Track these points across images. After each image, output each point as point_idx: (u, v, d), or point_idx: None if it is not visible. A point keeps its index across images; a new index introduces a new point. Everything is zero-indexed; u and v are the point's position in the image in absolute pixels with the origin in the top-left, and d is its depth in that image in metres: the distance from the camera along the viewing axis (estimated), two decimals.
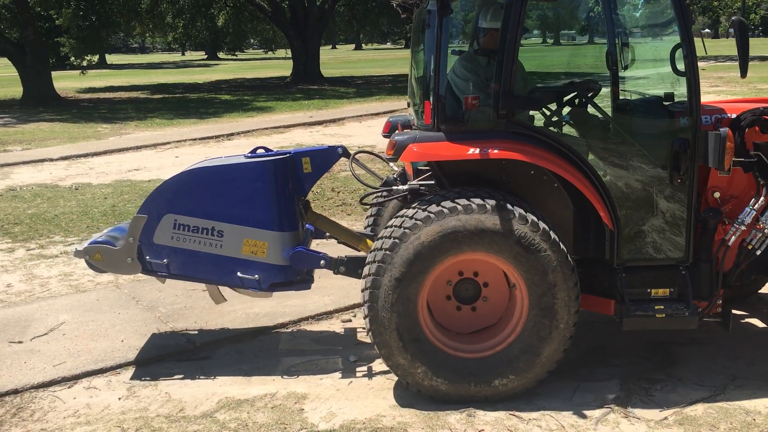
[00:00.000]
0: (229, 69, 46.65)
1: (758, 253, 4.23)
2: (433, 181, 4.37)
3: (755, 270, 4.38)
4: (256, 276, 4.55)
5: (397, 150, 4.10)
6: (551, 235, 3.93)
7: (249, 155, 4.74)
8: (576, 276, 4.00)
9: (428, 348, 4.06)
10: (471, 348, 4.18)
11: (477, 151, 3.97)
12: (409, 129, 4.66)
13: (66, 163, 12.80)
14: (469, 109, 4.15)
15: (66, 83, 30.47)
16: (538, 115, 4.58)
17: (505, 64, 4.01)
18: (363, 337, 5.14)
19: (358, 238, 4.99)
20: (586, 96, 4.53)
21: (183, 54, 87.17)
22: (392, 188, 4.57)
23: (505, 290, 4.24)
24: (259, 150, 4.83)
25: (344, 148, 4.81)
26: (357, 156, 4.94)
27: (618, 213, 4.15)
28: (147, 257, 4.62)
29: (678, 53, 4.16)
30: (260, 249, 4.51)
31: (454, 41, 4.74)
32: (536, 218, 3.94)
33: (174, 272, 4.66)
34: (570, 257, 3.99)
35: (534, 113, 4.55)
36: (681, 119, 4.15)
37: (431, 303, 4.22)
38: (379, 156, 5.29)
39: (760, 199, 4.16)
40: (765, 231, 4.16)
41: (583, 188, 4.06)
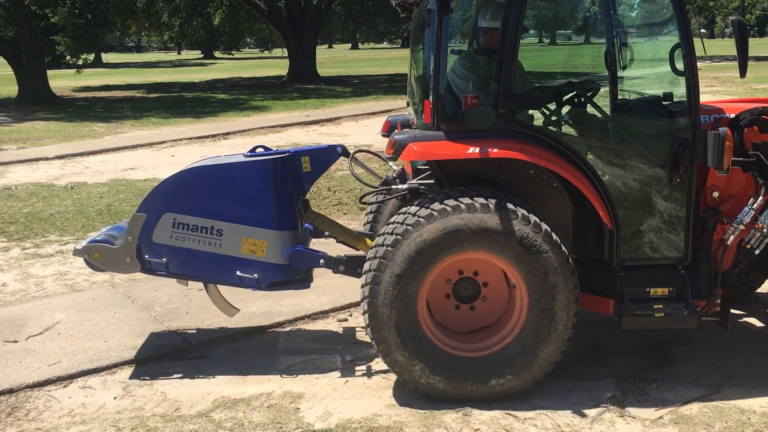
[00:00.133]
0: (226, 68, 46.58)
1: (757, 253, 4.24)
2: (433, 180, 4.36)
3: (754, 269, 4.39)
4: (256, 275, 4.53)
5: (397, 149, 4.09)
6: (553, 237, 3.93)
7: (248, 154, 4.72)
8: (576, 278, 4.00)
9: (426, 346, 4.05)
10: (469, 347, 4.17)
11: (477, 151, 3.96)
12: (409, 128, 4.65)
13: (61, 162, 12.75)
14: (469, 109, 4.15)
15: (61, 82, 30.35)
16: (538, 115, 4.58)
17: (505, 64, 4.00)
18: (359, 337, 5.13)
19: (357, 237, 4.98)
20: (586, 95, 4.53)
21: (179, 53, 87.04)
22: (391, 187, 4.56)
23: (505, 290, 4.23)
24: (259, 149, 4.81)
25: (343, 147, 4.80)
26: (356, 155, 4.92)
27: (617, 212, 4.15)
28: (146, 256, 4.61)
29: (677, 53, 4.16)
30: (259, 248, 4.50)
31: (454, 40, 4.73)
32: (539, 219, 3.93)
33: (173, 271, 4.64)
34: (571, 259, 3.99)
35: (533, 112, 4.54)
36: (680, 119, 4.16)
37: (430, 301, 4.21)
38: (379, 155, 5.27)
39: (759, 199, 4.16)
40: (763, 230, 4.17)
41: (583, 187, 4.05)
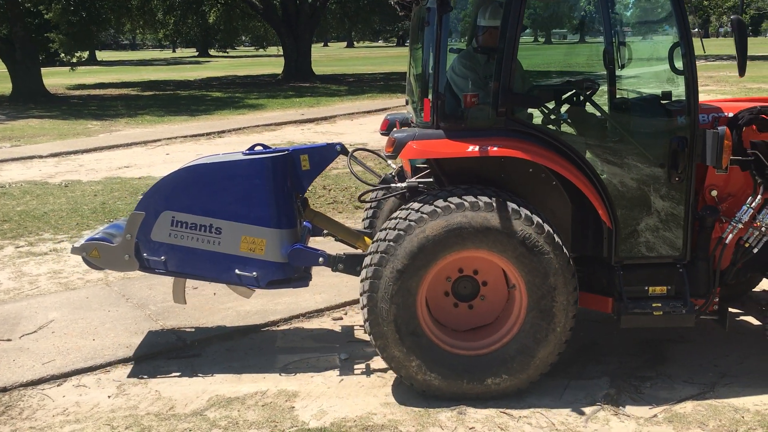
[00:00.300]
0: (221, 66, 46.52)
1: (755, 251, 4.24)
2: (432, 179, 4.35)
3: (752, 268, 4.39)
4: (255, 273, 4.51)
5: (397, 147, 4.08)
6: (555, 238, 3.93)
7: (247, 152, 4.69)
8: (576, 280, 4.00)
9: (424, 342, 4.04)
10: (467, 345, 4.16)
11: (476, 149, 3.95)
12: (408, 126, 4.63)
13: (55, 160, 12.69)
14: (469, 107, 4.13)
15: (56, 80, 30.25)
16: (537, 113, 4.57)
17: (505, 62, 3.99)
18: (355, 335, 5.11)
19: (356, 236, 4.96)
20: (585, 94, 4.52)
21: (174, 51, 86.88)
22: (390, 186, 4.54)
23: (504, 290, 4.22)
24: (257, 147, 4.79)
25: (342, 146, 4.78)
26: (354, 153, 4.90)
27: (616, 211, 4.15)
28: (144, 254, 4.58)
29: (676, 52, 4.15)
30: (258, 246, 4.47)
31: (454, 39, 4.71)
32: (541, 220, 3.93)
33: (171, 269, 4.62)
34: (571, 261, 3.98)
35: (533, 111, 4.53)
36: (679, 118, 4.16)
37: (429, 298, 4.20)
38: (378, 153, 5.25)
39: (757, 198, 4.16)
40: (762, 229, 4.17)
41: (582, 186, 4.05)
